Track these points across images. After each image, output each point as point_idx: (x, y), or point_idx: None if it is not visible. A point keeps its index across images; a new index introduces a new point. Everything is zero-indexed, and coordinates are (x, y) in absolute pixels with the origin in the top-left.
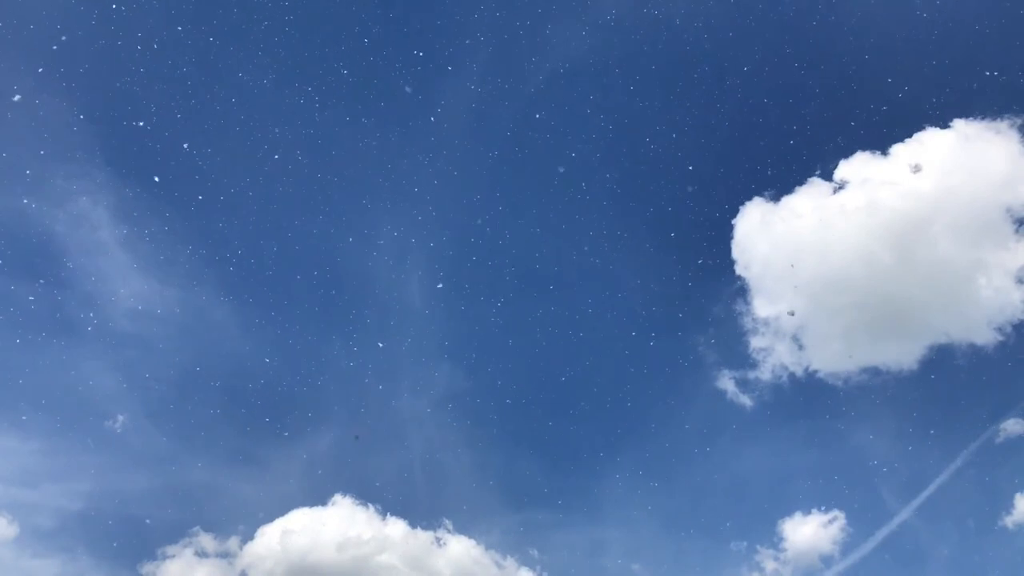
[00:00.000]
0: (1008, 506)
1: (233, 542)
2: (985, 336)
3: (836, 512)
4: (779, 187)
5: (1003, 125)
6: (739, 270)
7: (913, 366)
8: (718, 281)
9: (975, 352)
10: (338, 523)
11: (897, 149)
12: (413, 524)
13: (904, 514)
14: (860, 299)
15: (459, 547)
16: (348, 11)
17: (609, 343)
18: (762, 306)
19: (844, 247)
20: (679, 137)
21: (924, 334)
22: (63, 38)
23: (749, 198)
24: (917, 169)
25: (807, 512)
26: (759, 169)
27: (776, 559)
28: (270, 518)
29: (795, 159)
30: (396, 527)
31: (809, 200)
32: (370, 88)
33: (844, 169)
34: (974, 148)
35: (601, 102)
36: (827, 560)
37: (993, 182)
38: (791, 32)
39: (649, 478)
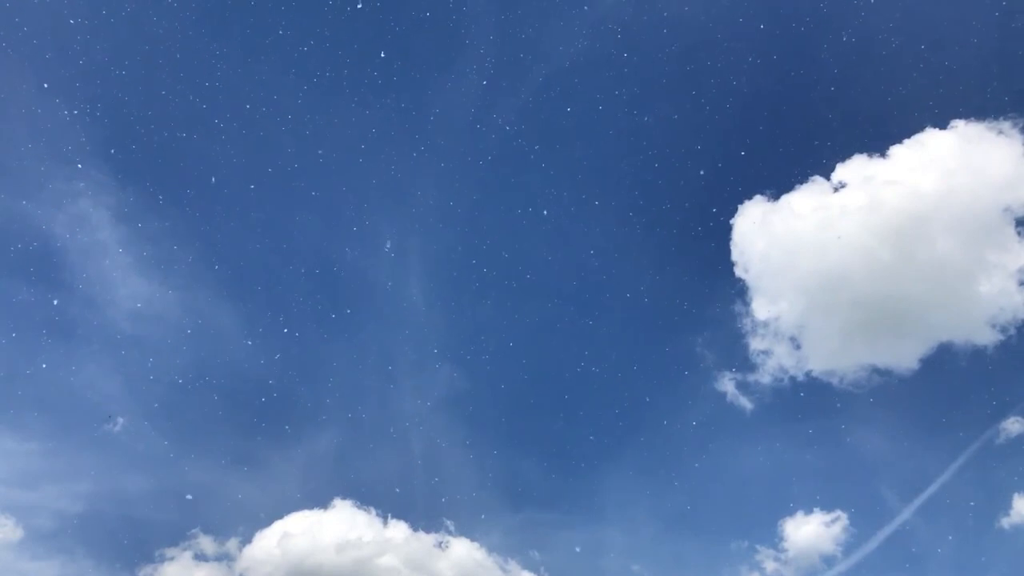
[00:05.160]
0: (1006, 507)
1: (232, 544)
2: (986, 336)
3: (838, 512)
4: (779, 186)
5: (1005, 125)
6: (738, 271)
7: (914, 365)
8: (717, 282)
9: (976, 352)
10: (338, 526)
11: (897, 150)
12: (415, 527)
13: (906, 513)
14: (860, 298)
15: (461, 549)
16: (347, 10)
17: (608, 344)
18: (761, 307)
19: (844, 246)
20: (677, 135)
21: (925, 334)
22: (62, 37)
23: (749, 197)
24: None
25: (809, 512)
26: (758, 168)
27: (777, 559)
28: (269, 521)
29: (795, 158)
30: (397, 530)
31: (809, 199)
32: (370, 87)
33: (844, 168)
34: (975, 149)
35: (599, 101)
36: (829, 560)
37: (994, 183)
38: (791, 30)
39: (649, 479)
